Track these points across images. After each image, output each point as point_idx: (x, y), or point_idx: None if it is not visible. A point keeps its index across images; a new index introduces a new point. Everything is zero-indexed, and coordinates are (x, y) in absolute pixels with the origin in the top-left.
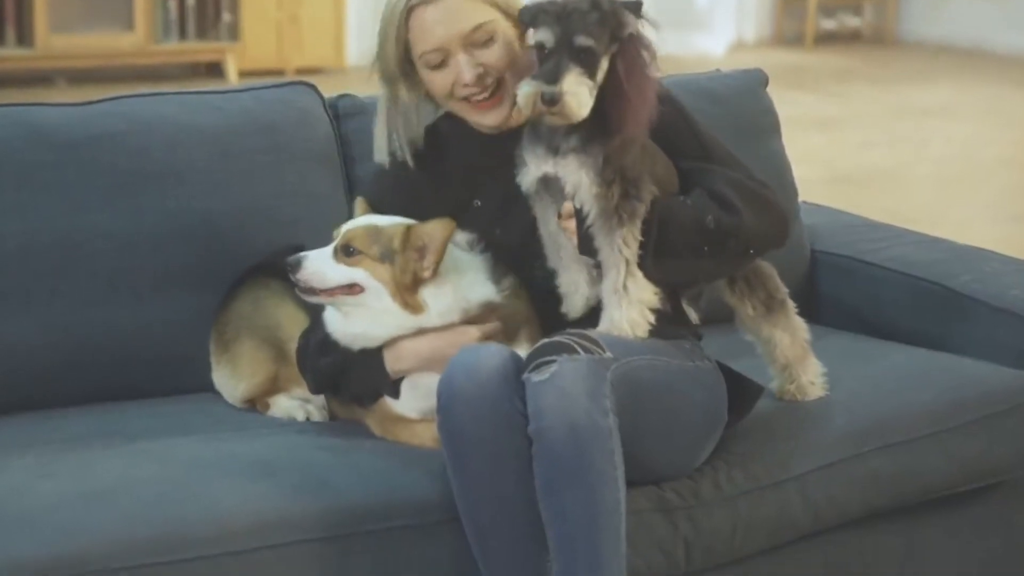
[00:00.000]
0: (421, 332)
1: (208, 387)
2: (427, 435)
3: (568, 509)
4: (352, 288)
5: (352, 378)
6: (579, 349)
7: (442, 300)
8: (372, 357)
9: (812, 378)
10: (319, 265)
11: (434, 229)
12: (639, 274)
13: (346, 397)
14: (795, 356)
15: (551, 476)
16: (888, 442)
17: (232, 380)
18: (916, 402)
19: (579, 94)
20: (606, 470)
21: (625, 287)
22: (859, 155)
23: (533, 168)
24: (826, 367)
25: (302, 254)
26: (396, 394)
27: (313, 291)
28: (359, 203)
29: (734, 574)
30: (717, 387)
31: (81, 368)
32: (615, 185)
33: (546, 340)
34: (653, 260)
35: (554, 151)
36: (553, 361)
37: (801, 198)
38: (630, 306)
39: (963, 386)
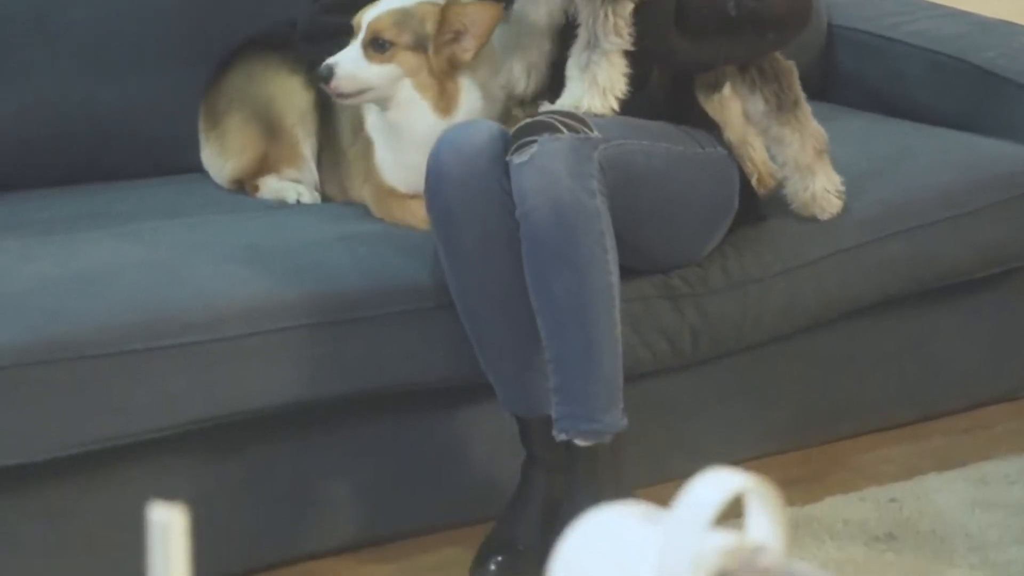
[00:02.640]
0: None
1: (196, 168)
2: (420, 213)
3: (556, 292)
4: (389, 83)
5: None
6: (562, 128)
7: (473, 94)
8: None
9: (827, 187)
10: (351, 68)
11: (478, 13)
12: (616, 60)
13: None
14: (805, 162)
15: (538, 259)
16: (904, 227)
17: (220, 159)
18: (934, 184)
19: None
20: (594, 252)
21: (592, 65)
22: None
23: None
24: (842, 150)
25: (331, 60)
26: None
27: (348, 95)
28: None
29: (742, 363)
30: (727, 175)
31: (63, 148)
32: None
33: (527, 120)
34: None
35: None
36: (534, 141)
37: None
38: (593, 86)
39: (983, 167)
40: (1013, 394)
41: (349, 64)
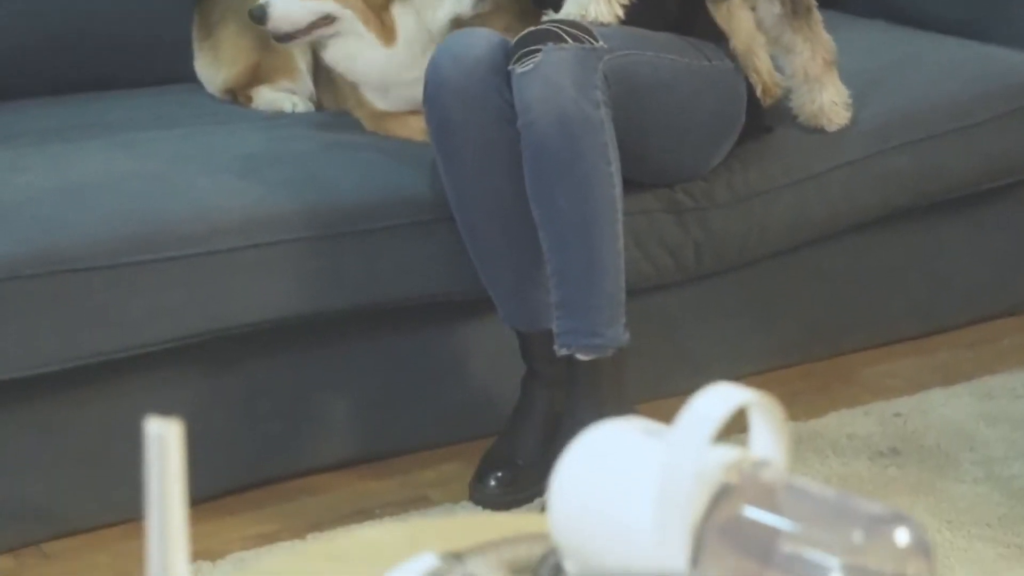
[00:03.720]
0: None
1: (190, 78)
2: (418, 127)
3: (559, 205)
4: (326, 20)
5: None
6: (567, 37)
7: (408, 21)
8: None
9: (835, 98)
10: (283, 7)
11: None
12: None
13: None
14: (815, 72)
15: (540, 171)
16: (910, 138)
17: (213, 68)
18: (941, 94)
19: None
20: (598, 164)
21: None
22: None
23: None
24: (848, 59)
25: (263, 1)
26: None
27: (288, 36)
28: None
29: (746, 277)
30: (733, 88)
31: (55, 57)
32: None
33: (531, 28)
34: None
35: None
36: (538, 51)
37: None
38: None
39: (992, 77)
40: (1019, 308)
41: (281, 3)
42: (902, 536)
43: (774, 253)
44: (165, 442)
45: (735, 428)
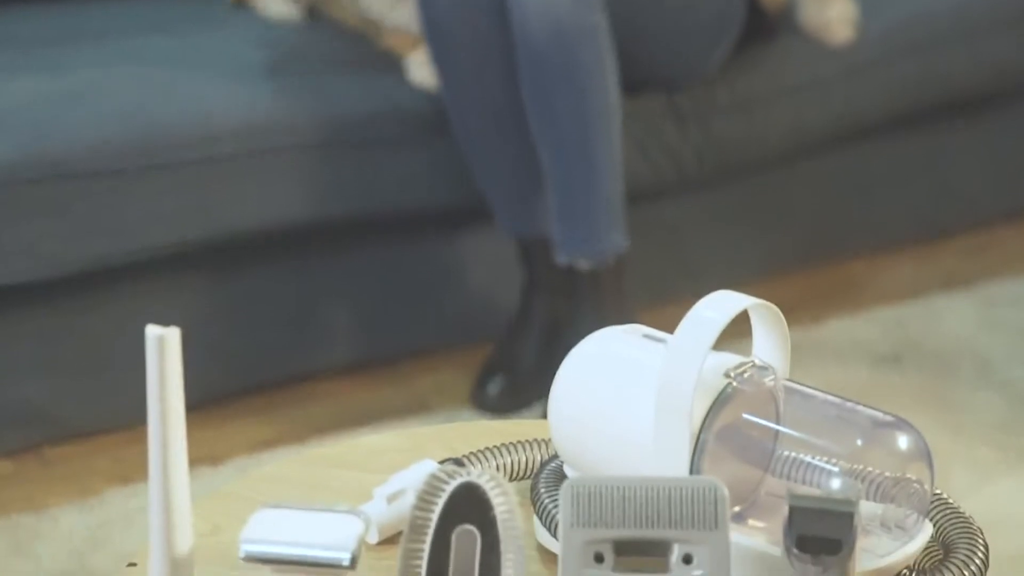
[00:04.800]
0: None
1: None
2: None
3: (557, 112)
4: None
5: None
6: None
7: None
8: None
9: (842, 14)
10: None
11: None
12: None
13: None
14: None
15: (538, 79)
16: (915, 43)
17: None
18: (947, 1)
19: None
20: (594, 70)
21: None
22: None
23: None
24: None
25: None
26: None
27: None
28: None
29: (748, 184)
30: None
31: None
32: None
33: None
34: None
35: None
36: None
37: None
38: None
39: None
40: (1022, 214)
41: None
42: (902, 441)
43: (775, 159)
44: (165, 347)
45: (736, 335)
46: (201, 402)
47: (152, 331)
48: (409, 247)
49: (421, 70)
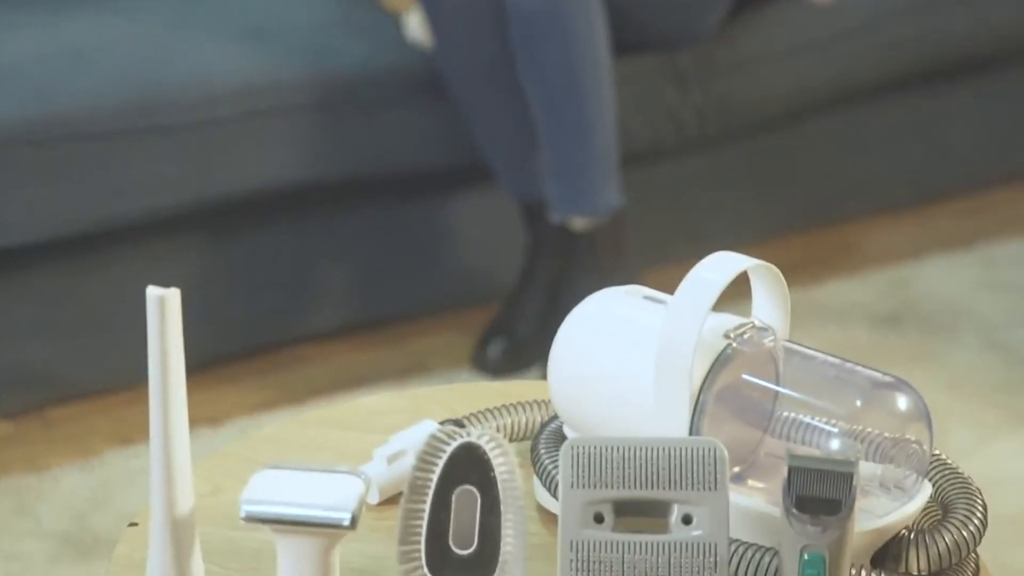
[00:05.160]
0: None
1: None
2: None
3: (545, 66)
4: None
5: None
6: None
7: None
8: None
9: None
10: None
11: None
12: None
13: None
14: None
15: (525, 31)
16: (913, 5)
17: None
18: None
19: None
20: (581, 22)
21: None
22: None
23: None
24: None
25: None
26: None
27: None
28: None
29: (747, 146)
30: None
31: None
32: None
33: None
34: None
35: None
36: None
37: None
38: None
39: None
40: (1022, 175)
41: None
42: (902, 402)
43: (776, 120)
44: (165, 308)
45: (736, 296)
46: (201, 364)
47: (153, 292)
48: (409, 208)
49: (418, 30)
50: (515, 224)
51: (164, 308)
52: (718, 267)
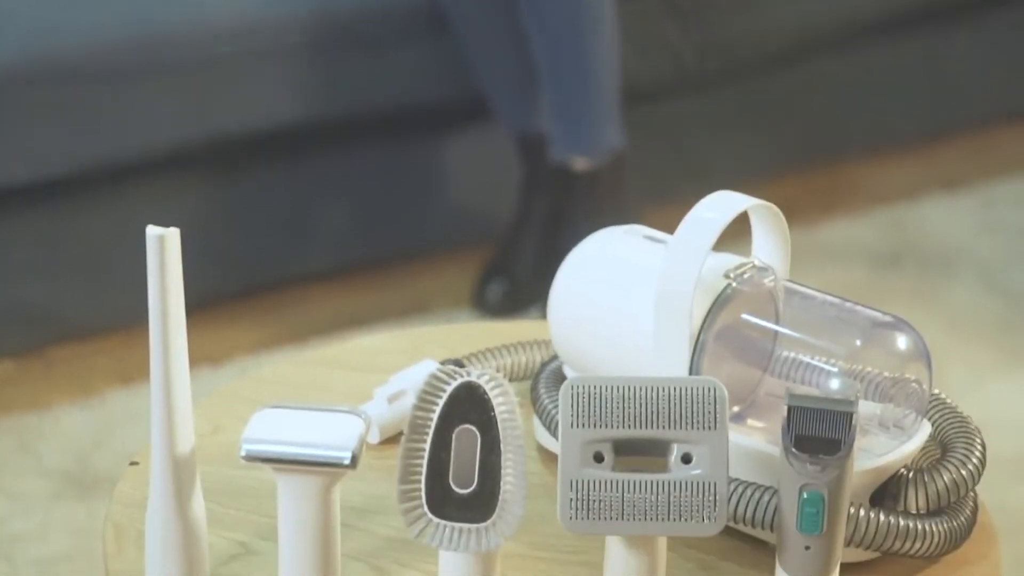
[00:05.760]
0: None
1: None
2: None
3: (548, 5)
4: None
5: None
6: None
7: None
8: None
9: None
10: None
11: None
12: None
13: None
14: None
15: None
16: None
17: None
18: None
19: None
20: None
21: None
22: None
23: None
24: None
25: None
26: None
27: None
28: None
29: (748, 85)
30: None
31: None
32: None
33: None
34: None
35: None
36: None
37: None
38: None
39: None
40: (1022, 114)
41: None
42: (901, 341)
43: (776, 59)
44: (165, 247)
45: (736, 236)
46: (201, 304)
47: (152, 231)
48: (408, 147)
49: None
50: (514, 162)
51: (164, 247)
52: (718, 207)
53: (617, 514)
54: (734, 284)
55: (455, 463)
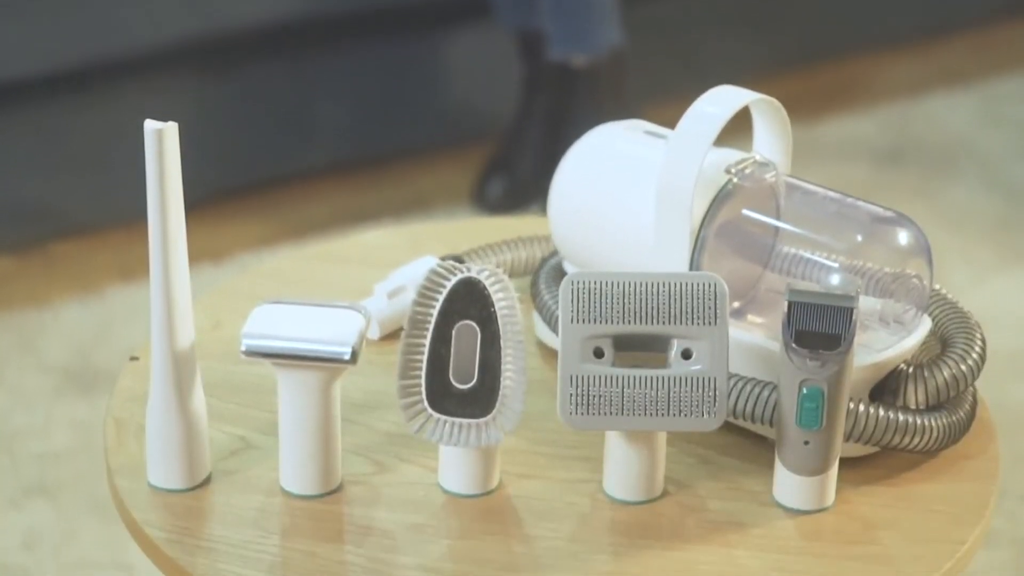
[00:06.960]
0: None
1: None
2: None
3: None
4: None
5: None
6: None
7: None
8: None
9: None
10: None
11: None
12: None
13: None
14: None
15: None
16: None
17: None
18: None
19: None
20: None
21: None
22: None
23: None
24: None
25: None
26: None
27: None
28: None
29: None
30: None
31: None
32: None
33: None
34: None
35: None
36: None
37: None
38: None
39: None
40: None
41: None
42: (902, 237)
43: None
44: (163, 141)
45: (737, 131)
46: (201, 200)
47: (150, 125)
48: (409, 43)
49: None
50: (514, 59)
51: (162, 142)
52: (719, 101)
53: (617, 409)
54: (735, 179)
55: (455, 358)
